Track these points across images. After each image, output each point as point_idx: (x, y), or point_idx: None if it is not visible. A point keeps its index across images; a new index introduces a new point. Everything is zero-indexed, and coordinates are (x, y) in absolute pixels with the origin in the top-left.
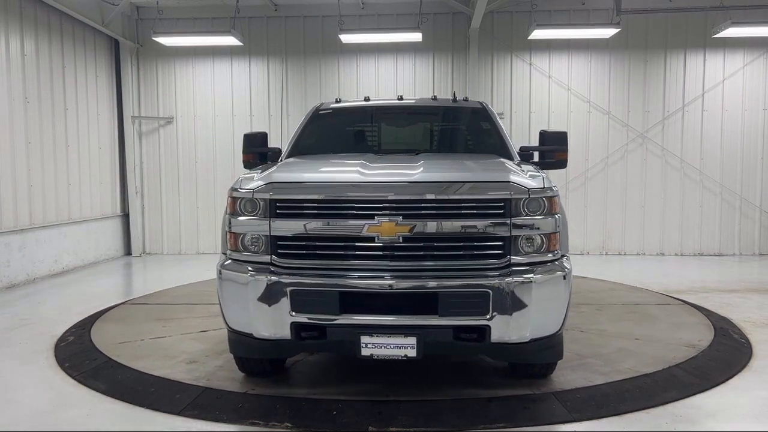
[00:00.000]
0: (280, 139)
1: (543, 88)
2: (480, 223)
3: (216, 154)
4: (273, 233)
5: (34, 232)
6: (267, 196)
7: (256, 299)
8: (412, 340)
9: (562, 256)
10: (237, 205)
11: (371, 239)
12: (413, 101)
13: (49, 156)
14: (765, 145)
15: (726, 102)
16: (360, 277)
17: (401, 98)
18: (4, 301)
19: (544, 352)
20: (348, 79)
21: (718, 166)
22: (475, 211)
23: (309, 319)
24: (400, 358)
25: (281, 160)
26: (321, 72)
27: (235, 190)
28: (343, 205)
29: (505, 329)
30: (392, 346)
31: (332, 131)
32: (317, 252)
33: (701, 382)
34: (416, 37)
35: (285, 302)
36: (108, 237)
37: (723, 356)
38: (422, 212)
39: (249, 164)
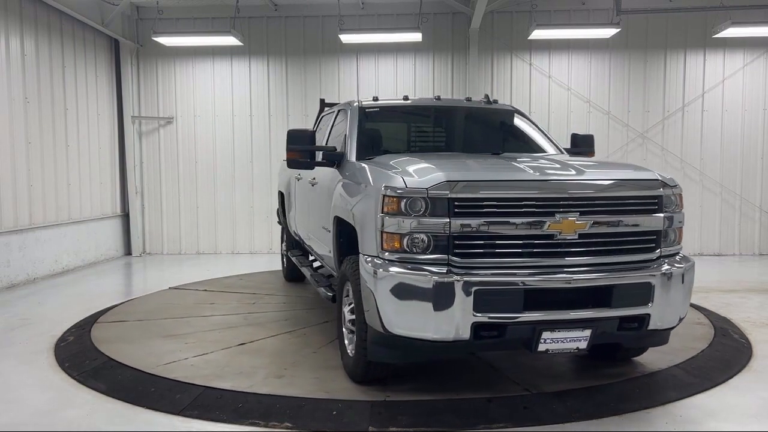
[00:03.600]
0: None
1: (543, 88)
2: (641, 219)
3: (216, 154)
4: (453, 232)
5: (34, 232)
6: (445, 194)
7: (438, 301)
8: (587, 333)
9: None
10: (402, 204)
11: (551, 236)
12: (457, 102)
13: (49, 156)
14: (765, 145)
15: (726, 102)
16: (543, 274)
17: (439, 98)
18: (4, 301)
19: (668, 335)
20: (348, 79)
21: (718, 166)
22: (637, 207)
23: (492, 318)
24: (572, 351)
25: (352, 158)
26: (321, 72)
27: (398, 189)
28: (526, 202)
29: (661, 316)
30: (568, 340)
31: (391, 130)
32: (498, 250)
33: (701, 382)
34: (416, 37)
35: (469, 302)
36: (108, 237)
37: (723, 356)
38: (596, 209)
39: (296, 163)
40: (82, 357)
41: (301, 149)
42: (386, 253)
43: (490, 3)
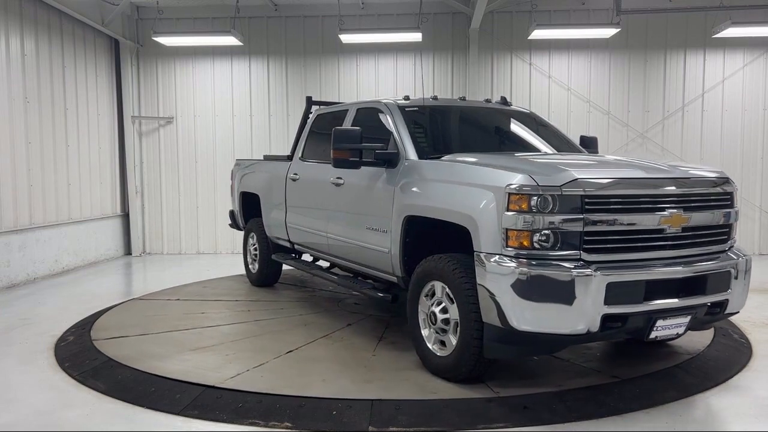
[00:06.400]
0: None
1: (543, 88)
2: (723, 213)
3: (216, 154)
4: (585, 229)
5: (34, 232)
6: (579, 192)
7: (576, 295)
8: (687, 319)
9: None
10: (531, 201)
11: (662, 230)
12: (488, 104)
13: (49, 156)
14: (765, 145)
15: (726, 102)
16: (660, 266)
17: (463, 98)
18: (4, 301)
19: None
20: (348, 79)
21: (718, 166)
22: (720, 202)
23: (619, 309)
24: (673, 337)
25: (413, 157)
26: (321, 72)
27: (528, 186)
28: (645, 199)
29: (736, 301)
30: (673, 327)
31: (434, 129)
32: (620, 245)
33: (701, 382)
34: (416, 37)
35: (601, 296)
36: (108, 237)
37: (723, 356)
38: (696, 204)
39: (345, 162)
40: (82, 357)
41: (351, 148)
42: (510, 250)
43: (490, 3)
